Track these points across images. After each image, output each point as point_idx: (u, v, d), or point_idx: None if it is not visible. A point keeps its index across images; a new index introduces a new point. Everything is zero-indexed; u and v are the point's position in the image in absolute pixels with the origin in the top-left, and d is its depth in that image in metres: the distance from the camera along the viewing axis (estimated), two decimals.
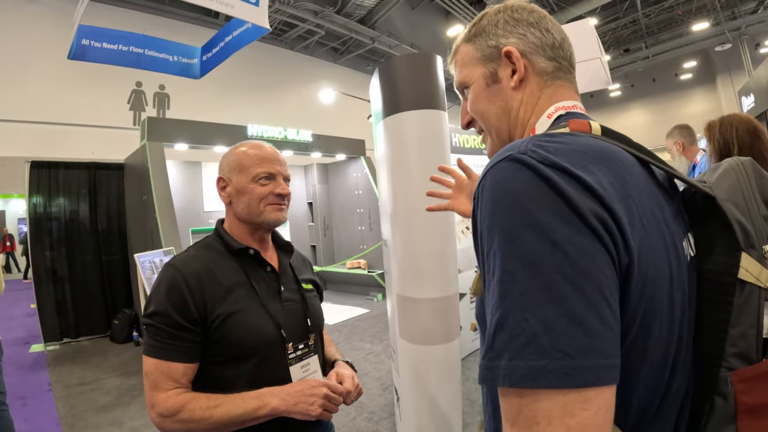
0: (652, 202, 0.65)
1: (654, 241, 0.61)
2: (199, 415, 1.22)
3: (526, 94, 0.86)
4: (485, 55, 0.89)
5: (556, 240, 0.53)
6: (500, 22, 0.88)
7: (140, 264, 5.28)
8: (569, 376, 0.49)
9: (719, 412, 0.64)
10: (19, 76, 12.56)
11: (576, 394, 0.49)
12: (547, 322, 0.50)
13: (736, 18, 19.09)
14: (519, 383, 0.50)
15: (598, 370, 0.49)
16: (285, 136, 9.07)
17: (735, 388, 0.63)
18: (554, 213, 0.54)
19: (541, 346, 0.50)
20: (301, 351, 1.45)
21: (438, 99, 2.99)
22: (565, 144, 0.62)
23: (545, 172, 0.57)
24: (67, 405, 4.73)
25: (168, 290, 1.29)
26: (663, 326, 0.61)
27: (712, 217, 0.71)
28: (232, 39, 6.26)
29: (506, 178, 0.59)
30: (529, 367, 0.50)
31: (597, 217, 0.55)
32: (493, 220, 0.58)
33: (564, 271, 0.52)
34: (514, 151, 0.61)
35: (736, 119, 2.28)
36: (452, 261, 3.02)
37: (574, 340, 0.49)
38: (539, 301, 0.51)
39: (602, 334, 0.51)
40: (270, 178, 1.44)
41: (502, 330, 0.53)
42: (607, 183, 0.58)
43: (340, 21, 17.06)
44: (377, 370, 5.32)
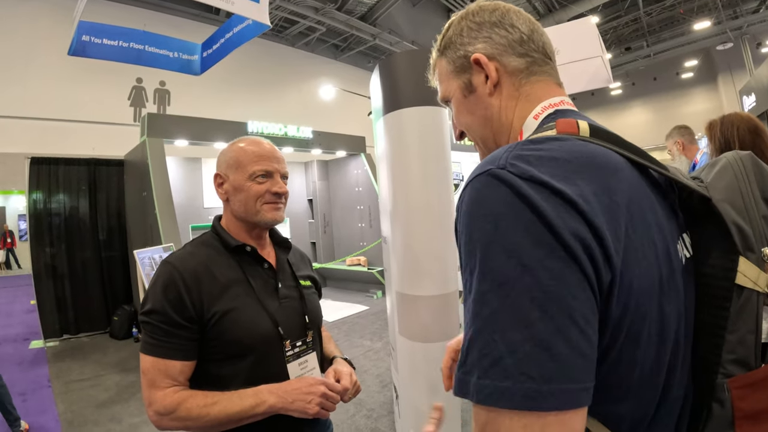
0: (644, 205, 0.63)
1: (642, 250, 0.59)
2: (196, 413, 1.22)
3: (504, 97, 0.84)
4: (457, 66, 0.88)
5: (526, 263, 0.52)
6: (464, 30, 0.87)
7: (140, 260, 5.28)
8: (531, 399, 0.48)
9: (717, 419, 0.63)
10: (20, 73, 12.56)
11: (536, 417, 0.49)
12: (513, 345, 0.50)
13: (737, 17, 19.04)
14: (484, 401, 0.51)
15: (562, 395, 0.49)
16: (285, 132, 9.07)
17: (732, 394, 0.62)
18: (527, 234, 0.53)
19: (506, 368, 0.50)
20: (299, 348, 1.44)
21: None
22: (548, 151, 0.60)
23: (522, 189, 0.55)
24: (66, 401, 4.74)
25: (165, 288, 1.28)
26: (652, 335, 0.60)
27: (708, 218, 0.69)
28: (233, 35, 6.26)
29: (482, 196, 0.58)
30: (495, 387, 0.50)
31: (575, 235, 0.53)
32: (470, 237, 0.58)
33: (532, 295, 0.51)
34: (494, 165, 0.59)
35: (737, 118, 2.27)
36: (452, 258, 3.01)
37: (539, 365, 0.49)
38: (506, 324, 0.51)
39: (569, 358, 0.50)
40: (267, 176, 1.42)
41: (473, 348, 0.53)
42: (590, 193, 0.56)
43: (341, 18, 17.04)
44: (377, 368, 5.32)
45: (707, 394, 0.64)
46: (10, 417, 3.88)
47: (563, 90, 0.86)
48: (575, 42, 3.78)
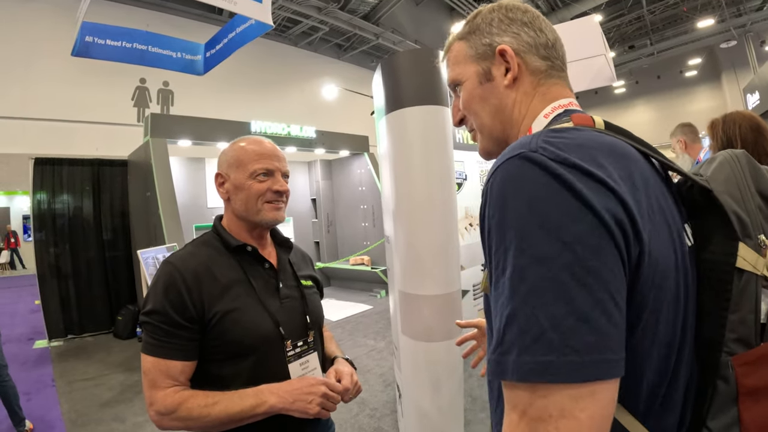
0: (657, 192, 0.67)
1: (661, 232, 0.63)
2: (197, 413, 1.22)
3: (520, 93, 0.87)
4: (479, 53, 0.90)
5: (567, 239, 0.54)
6: (495, 21, 0.89)
7: (143, 260, 5.29)
8: (576, 371, 0.51)
9: (721, 396, 0.66)
10: (23, 74, 12.60)
11: (584, 388, 0.51)
12: (556, 319, 0.52)
13: (741, 15, 18.98)
14: (527, 377, 0.52)
15: (604, 365, 0.52)
16: (288, 132, 9.08)
17: (736, 371, 0.65)
18: (565, 211, 0.56)
19: (550, 342, 0.52)
20: (300, 348, 1.44)
21: (441, 95, 2.97)
22: (573, 139, 0.64)
23: (557, 170, 0.58)
24: (70, 400, 4.76)
25: (165, 288, 1.28)
26: (670, 313, 0.64)
27: (709, 209, 0.73)
28: (236, 35, 6.25)
29: (517, 176, 0.60)
30: (537, 362, 0.52)
31: (609, 212, 0.56)
32: (504, 217, 0.59)
33: (573, 270, 0.53)
34: (525, 149, 0.62)
35: (739, 116, 2.27)
36: (455, 258, 3.01)
37: (582, 337, 0.51)
38: (548, 299, 0.53)
39: (608, 330, 0.53)
40: (268, 175, 1.42)
41: (512, 325, 0.55)
42: (616, 176, 0.60)
43: (344, 17, 17.06)
44: (380, 367, 5.32)
45: (712, 372, 0.67)
46: (15, 417, 3.89)
47: (573, 94, 0.90)
48: (578, 40, 3.78)
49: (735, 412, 0.65)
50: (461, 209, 5.27)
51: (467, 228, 5.46)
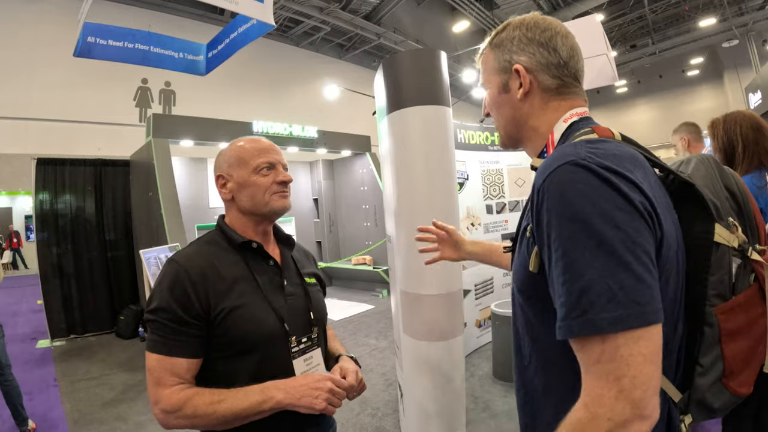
0: (660, 190, 0.87)
1: (666, 218, 0.81)
2: (203, 411, 1.22)
3: (533, 106, 1.04)
4: (501, 66, 1.06)
5: (619, 224, 0.72)
6: (515, 39, 1.04)
7: (146, 260, 5.30)
8: (641, 318, 0.68)
9: (708, 338, 0.87)
10: (25, 74, 12.63)
11: (645, 331, 0.69)
12: (622, 282, 0.69)
13: (743, 14, 18.96)
14: (607, 329, 0.68)
15: (657, 312, 0.70)
16: (290, 132, 9.08)
17: (718, 318, 0.87)
18: (615, 204, 0.73)
19: (620, 300, 0.68)
20: (304, 344, 1.45)
21: (442, 95, 2.98)
22: (606, 150, 0.81)
23: (604, 174, 0.75)
24: (72, 400, 4.77)
25: (171, 286, 1.28)
26: (674, 278, 0.83)
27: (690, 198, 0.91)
28: (238, 35, 6.26)
29: (575, 179, 0.76)
30: (613, 316, 0.68)
31: (642, 205, 0.75)
32: (566, 210, 0.75)
33: (627, 246, 0.71)
34: (575, 157, 0.78)
35: (740, 116, 2.27)
36: None
37: (641, 293, 0.69)
38: (613, 269, 0.70)
39: (654, 286, 0.71)
40: (271, 168, 1.45)
41: (587, 293, 0.70)
42: (642, 179, 0.79)
43: (345, 17, 17.07)
44: (381, 366, 5.33)
45: (699, 321, 0.88)
46: (19, 417, 3.91)
47: (586, 103, 1.06)
48: (580, 40, 3.74)
49: (718, 350, 0.87)
50: (462, 209, 5.28)
51: (469, 227, 5.47)
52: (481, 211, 5.72)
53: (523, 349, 1.01)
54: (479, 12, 18.73)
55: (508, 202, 6.05)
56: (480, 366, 5.09)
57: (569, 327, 0.72)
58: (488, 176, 5.84)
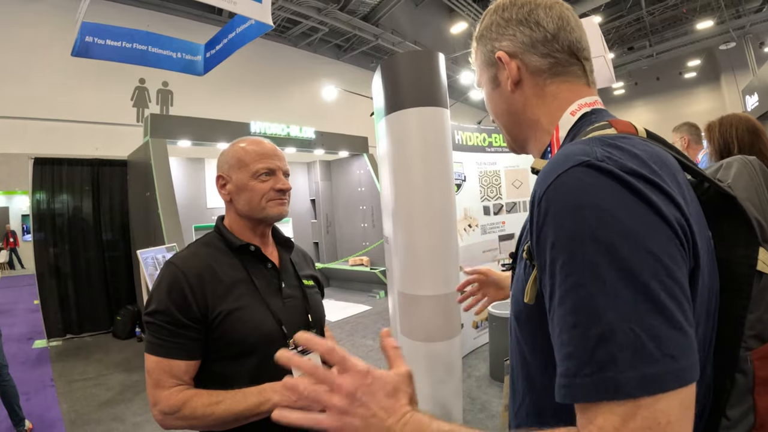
0: (695, 202, 0.69)
1: (703, 241, 0.63)
2: (201, 412, 1.23)
3: (528, 95, 0.88)
4: (486, 59, 0.93)
5: (653, 249, 0.54)
6: (493, 25, 0.90)
7: (143, 260, 5.29)
8: (678, 377, 0.51)
9: (740, 387, 0.69)
10: (23, 74, 12.59)
11: (679, 392, 0.51)
12: (654, 329, 0.52)
13: (740, 16, 19.02)
14: (634, 393, 0.51)
15: (695, 367, 0.53)
16: (288, 133, 9.07)
17: (754, 365, 0.69)
18: (646, 222, 0.55)
19: (651, 354, 0.51)
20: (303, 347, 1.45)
21: (440, 96, 2.99)
22: (629, 149, 0.63)
23: (628, 181, 0.57)
24: (69, 400, 4.76)
25: (169, 288, 1.29)
26: (703, 315, 0.65)
27: (728, 213, 0.74)
28: (236, 36, 6.25)
29: (590, 186, 0.58)
30: (642, 375, 0.51)
31: (678, 223, 0.57)
32: (578, 228, 0.57)
33: (661, 280, 0.53)
34: (589, 157, 0.60)
35: (736, 119, 2.28)
36: (453, 258, 3.02)
37: (677, 344, 0.52)
38: (643, 312, 0.52)
39: (692, 334, 0.54)
40: (270, 174, 1.44)
41: (607, 343, 0.53)
42: (674, 187, 0.61)
43: (343, 18, 17.05)
44: (379, 367, 5.31)
45: (731, 366, 0.70)
46: (15, 417, 3.90)
47: (594, 90, 0.89)
48: None
49: (750, 401, 0.69)
50: (460, 210, 5.28)
51: (466, 229, 5.47)
52: (479, 212, 5.72)
53: (517, 384, 0.86)
54: (477, 13, 18.72)
55: (505, 203, 6.06)
56: (477, 367, 5.09)
57: (580, 388, 0.54)
58: (485, 177, 5.85)
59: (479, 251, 5.64)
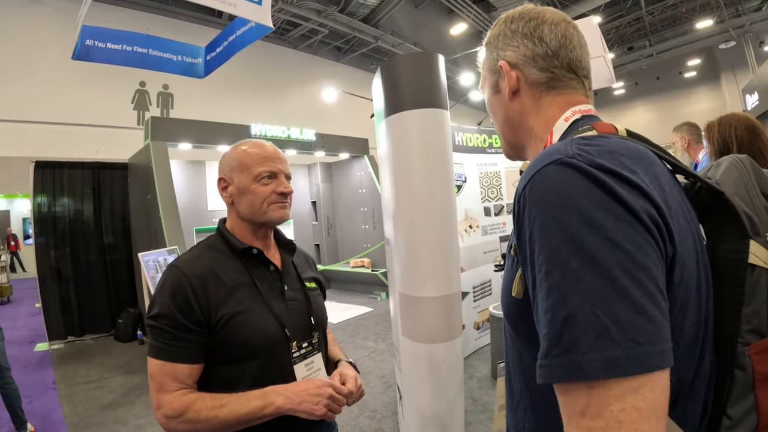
0: (677, 194, 0.71)
1: (685, 232, 0.66)
2: (205, 415, 1.23)
3: (524, 104, 0.92)
4: (491, 66, 0.97)
5: (614, 238, 0.56)
6: (500, 35, 0.94)
7: (144, 263, 5.30)
8: (642, 362, 0.52)
9: (739, 384, 0.70)
10: (24, 77, 12.60)
11: (646, 378, 0.53)
12: (616, 314, 0.53)
13: (740, 15, 19.00)
14: (595, 375, 0.53)
15: (663, 355, 0.54)
16: (288, 135, 9.09)
17: (752, 360, 0.69)
18: (608, 212, 0.58)
19: (613, 337, 0.53)
20: (305, 349, 1.46)
21: (440, 98, 2.99)
22: (603, 146, 0.66)
23: (595, 174, 0.60)
24: (71, 403, 4.76)
25: (172, 292, 1.29)
26: (694, 309, 0.67)
27: (719, 210, 0.76)
28: (236, 38, 6.27)
29: (559, 181, 0.62)
30: (605, 358, 0.52)
31: (647, 214, 0.59)
32: (550, 220, 0.61)
33: (625, 266, 0.55)
34: (562, 155, 0.64)
35: (735, 118, 2.29)
36: (454, 260, 3.02)
37: (642, 329, 0.53)
38: (606, 296, 0.54)
39: (661, 321, 0.55)
40: (272, 177, 1.43)
41: (571, 326, 0.55)
42: (647, 180, 0.63)
43: (343, 20, 17.07)
44: (380, 369, 5.33)
45: (730, 362, 0.71)
46: (18, 420, 3.90)
47: (591, 101, 0.92)
48: None
49: (752, 398, 0.69)
50: (461, 211, 5.29)
51: (467, 230, 5.48)
52: (479, 213, 5.72)
53: (513, 384, 0.88)
54: (477, 14, 18.75)
55: (506, 204, 6.06)
56: (478, 368, 5.09)
57: (550, 369, 0.57)
58: (486, 179, 5.85)
59: (480, 252, 5.64)
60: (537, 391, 0.78)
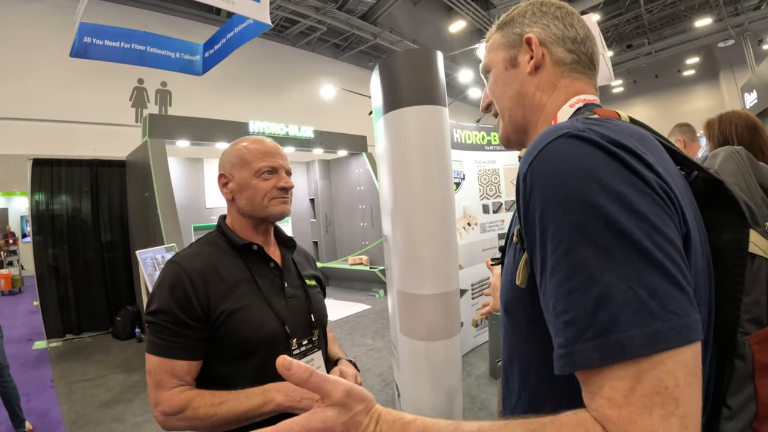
0: (682, 182, 0.70)
1: (693, 216, 0.65)
2: (204, 413, 1.22)
3: (542, 81, 0.89)
4: (509, 41, 0.94)
5: (641, 210, 0.55)
6: (528, 13, 0.92)
7: (142, 260, 5.29)
8: (681, 334, 0.50)
9: (739, 373, 0.69)
10: (21, 75, 12.58)
11: (690, 348, 0.51)
12: (652, 286, 0.51)
13: (739, 14, 19.00)
14: (639, 351, 0.50)
15: (698, 324, 0.52)
16: (287, 132, 9.08)
17: (752, 349, 0.68)
18: (630, 184, 0.56)
19: (652, 310, 0.51)
20: (305, 347, 1.45)
21: (438, 95, 2.98)
22: (609, 127, 0.64)
23: (610, 148, 0.59)
24: (69, 401, 4.76)
25: (171, 288, 1.28)
26: (702, 293, 0.65)
27: (718, 199, 0.75)
28: (234, 36, 6.26)
29: (573, 154, 0.60)
30: (646, 333, 0.50)
31: (661, 187, 0.58)
32: (566, 195, 0.58)
33: (653, 238, 0.54)
34: (571, 129, 0.62)
35: (735, 116, 2.28)
36: (453, 257, 3.02)
37: (678, 300, 0.52)
38: (640, 270, 0.52)
39: (690, 292, 0.54)
40: (272, 172, 1.43)
41: (606, 304, 0.52)
42: (655, 161, 0.61)
43: (341, 17, 17.05)
44: (379, 366, 5.33)
45: (730, 352, 0.70)
46: (16, 419, 3.90)
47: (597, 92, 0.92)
48: None
49: (752, 388, 0.68)
50: (459, 208, 5.28)
51: (465, 227, 5.47)
52: (478, 210, 5.72)
53: (510, 382, 0.85)
54: (475, 12, 18.74)
55: (504, 201, 6.06)
56: (477, 365, 5.10)
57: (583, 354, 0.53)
58: (484, 176, 5.85)
59: (479, 250, 5.64)
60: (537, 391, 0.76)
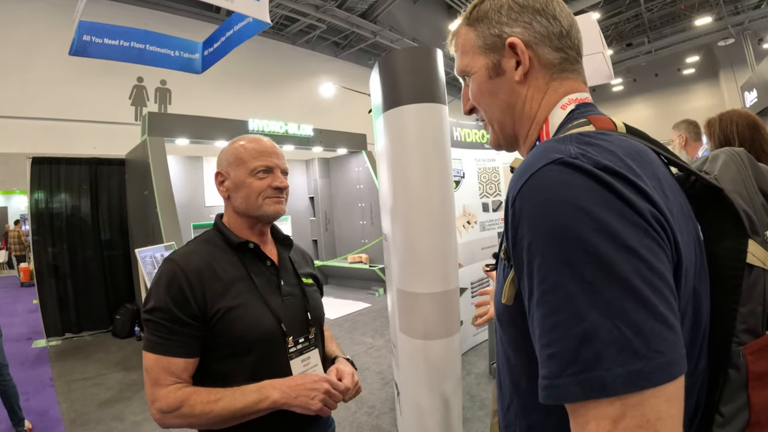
0: (679, 197, 0.69)
1: (686, 236, 0.63)
2: (200, 410, 1.22)
3: (532, 88, 0.83)
4: (488, 44, 0.84)
5: (631, 245, 0.53)
6: (504, 8, 0.83)
7: (141, 259, 5.29)
8: (666, 372, 0.51)
9: (733, 383, 0.68)
10: (20, 73, 12.54)
11: (673, 385, 0.51)
12: (638, 325, 0.51)
13: (739, 13, 18.98)
14: (620, 390, 0.50)
15: (682, 360, 0.52)
16: (286, 130, 9.07)
17: (746, 359, 0.67)
18: (621, 217, 0.54)
19: (636, 350, 0.50)
20: (302, 345, 1.45)
21: (438, 92, 2.97)
22: (603, 146, 0.62)
23: (603, 177, 0.56)
24: (69, 400, 4.76)
25: (168, 285, 1.28)
26: (691, 312, 0.64)
27: (716, 206, 0.73)
28: (233, 34, 6.24)
29: (564, 183, 0.58)
30: (629, 372, 0.50)
31: (656, 219, 0.56)
32: (554, 227, 0.56)
33: (642, 274, 0.53)
34: (563, 155, 0.60)
35: (736, 115, 2.28)
36: (452, 255, 3.01)
37: (663, 338, 0.51)
38: (626, 307, 0.52)
39: (677, 328, 0.53)
40: (268, 172, 1.44)
41: (590, 342, 0.52)
42: (651, 184, 0.60)
43: (341, 15, 17.02)
44: (378, 365, 5.33)
45: (724, 362, 0.69)
46: (15, 417, 3.90)
47: (587, 88, 0.87)
48: None
49: (745, 397, 0.68)
50: (459, 207, 5.28)
51: (465, 226, 5.47)
52: (477, 209, 5.72)
53: (503, 385, 0.85)
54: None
55: (504, 200, 6.05)
56: (476, 364, 5.10)
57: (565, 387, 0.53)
58: (484, 174, 5.85)
59: (478, 248, 5.64)
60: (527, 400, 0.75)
